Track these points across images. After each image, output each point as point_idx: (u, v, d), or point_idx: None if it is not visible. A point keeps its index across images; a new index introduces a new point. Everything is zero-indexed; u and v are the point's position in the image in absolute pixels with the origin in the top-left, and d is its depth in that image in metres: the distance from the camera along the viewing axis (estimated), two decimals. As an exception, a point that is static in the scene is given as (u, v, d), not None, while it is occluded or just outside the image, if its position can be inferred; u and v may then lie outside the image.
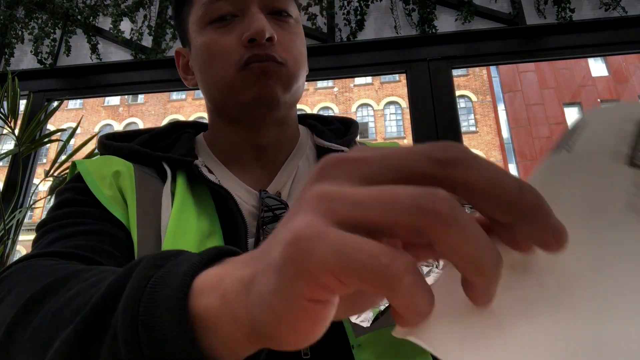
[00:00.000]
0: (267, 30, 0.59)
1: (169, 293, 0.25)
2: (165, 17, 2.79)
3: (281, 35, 0.62)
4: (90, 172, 0.58)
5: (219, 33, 0.62)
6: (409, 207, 0.19)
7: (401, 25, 2.58)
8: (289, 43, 0.63)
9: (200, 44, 0.63)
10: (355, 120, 0.78)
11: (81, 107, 23.75)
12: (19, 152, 2.37)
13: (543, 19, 2.49)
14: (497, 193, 0.20)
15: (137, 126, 23.60)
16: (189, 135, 0.71)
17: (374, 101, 22.47)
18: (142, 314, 0.24)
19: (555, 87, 21.97)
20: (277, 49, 0.61)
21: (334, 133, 0.73)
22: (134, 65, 2.73)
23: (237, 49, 0.60)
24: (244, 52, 0.59)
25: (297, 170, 0.67)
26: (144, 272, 0.27)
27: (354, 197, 0.20)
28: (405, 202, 0.19)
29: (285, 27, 0.64)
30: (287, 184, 0.65)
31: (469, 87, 21.94)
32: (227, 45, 0.60)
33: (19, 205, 2.42)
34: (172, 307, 0.24)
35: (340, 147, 0.68)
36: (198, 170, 0.60)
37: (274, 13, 0.63)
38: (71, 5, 2.87)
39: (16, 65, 2.86)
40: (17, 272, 0.41)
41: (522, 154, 21.20)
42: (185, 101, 23.93)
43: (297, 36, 0.65)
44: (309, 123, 0.76)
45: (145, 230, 0.55)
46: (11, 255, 2.27)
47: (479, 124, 21.31)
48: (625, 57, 20.11)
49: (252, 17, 0.60)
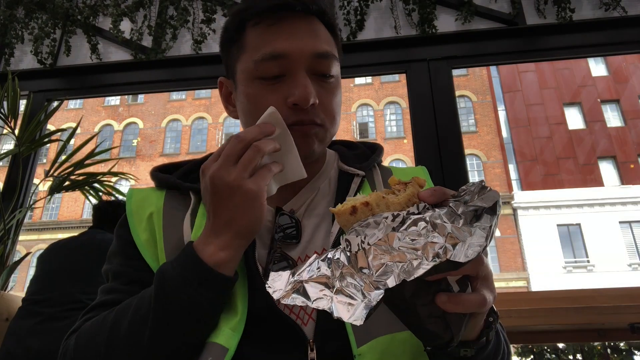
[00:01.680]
0: (311, 98, 0.64)
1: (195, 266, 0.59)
2: (165, 17, 2.79)
3: (322, 96, 0.68)
4: (132, 214, 0.73)
5: (266, 90, 0.67)
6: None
7: (401, 25, 2.58)
8: (329, 103, 0.69)
9: (246, 94, 0.69)
10: (379, 146, 0.84)
11: (81, 107, 23.73)
12: (19, 152, 2.37)
13: (543, 19, 2.48)
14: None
15: (137, 126, 23.59)
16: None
17: (374, 101, 22.45)
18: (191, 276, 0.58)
19: (555, 87, 21.96)
20: (317, 111, 0.67)
21: (358, 157, 0.80)
22: (134, 65, 2.73)
23: (281, 109, 0.64)
24: (287, 112, 0.65)
25: (318, 191, 0.74)
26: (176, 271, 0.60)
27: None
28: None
29: (327, 88, 0.69)
30: (306, 203, 0.73)
31: (469, 87, 21.92)
32: (272, 103, 0.65)
33: (19, 205, 2.42)
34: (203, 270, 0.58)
35: (357, 171, 0.75)
36: None
37: (318, 74, 0.68)
38: (71, 5, 2.87)
39: (16, 65, 2.86)
40: (83, 331, 0.63)
41: (522, 154, 21.19)
42: (185, 101, 23.91)
43: (337, 94, 0.71)
44: (337, 148, 0.83)
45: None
46: (11, 255, 2.27)
47: (479, 124, 21.28)
48: (625, 57, 20.11)
49: (298, 81, 0.65)
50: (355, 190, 0.73)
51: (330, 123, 0.69)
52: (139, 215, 0.72)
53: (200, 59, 2.68)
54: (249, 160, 0.58)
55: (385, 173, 0.80)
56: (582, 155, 20.66)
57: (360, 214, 0.43)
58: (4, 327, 1.89)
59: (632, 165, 20.29)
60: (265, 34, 0.67)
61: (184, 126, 23.52)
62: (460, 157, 2.25)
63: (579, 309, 1.79)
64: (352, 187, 0.73)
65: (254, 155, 0.58)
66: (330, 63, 0.69)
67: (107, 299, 0.67)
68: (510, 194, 19.64)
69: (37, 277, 1.99)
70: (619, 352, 2.44)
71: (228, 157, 0.58)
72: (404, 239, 0.41)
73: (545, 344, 2.53)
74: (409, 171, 0.82)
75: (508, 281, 18.14)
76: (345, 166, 0.77)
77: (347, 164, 0.77)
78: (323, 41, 0.69)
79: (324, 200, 0.74)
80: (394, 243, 0.41)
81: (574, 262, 18.36)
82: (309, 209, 0.72)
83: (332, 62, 0.69)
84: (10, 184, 2.44)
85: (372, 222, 0.43)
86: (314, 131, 0.67)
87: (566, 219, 18.93)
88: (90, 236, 2.08)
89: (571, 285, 16.70)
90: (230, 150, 0.58)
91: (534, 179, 20.66)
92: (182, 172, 0.78)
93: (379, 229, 0.42)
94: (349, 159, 0.79)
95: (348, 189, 0.73)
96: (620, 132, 20.93)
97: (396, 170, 0.82)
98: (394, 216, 0.43)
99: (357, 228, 0.43)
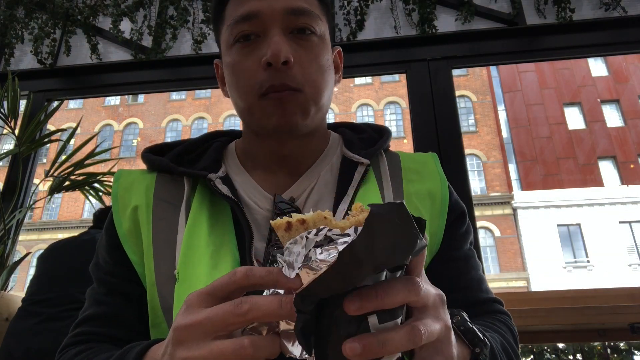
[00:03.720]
0: (282, 54, 0.60)
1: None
2: (165, 17, 2.79)
3: (300, 56, 0.63)
4: (118, 198, 0.69)
5: (243, 54, 0.64)
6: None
7: (401, 25, 2.58)
8: (308, 64, 0.63)
9: (227, 63, 0.67)
10: (387, 130, 0.78)
11: (81, 107, 23.73)
12: (19, 152, 2.37)
13: (543, 19, 2.48)
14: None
15: (137, 126, 23.60)
16: (220, 143, 0.76)
17: (374, 101, 22.45)
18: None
19: (555, 87, 21.96)
20: (294, 72, 0.62)
21: (364, 142, 0.75)
22: (134, 65, 2.73)
23: (257, 72, 0.62)
24: (263, 77, 0.61)
25: (319, 178, 0.69)
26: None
27: (201, 357, 0.38)
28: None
29: (306, 47, 0.64)
30: (306, 190, 0.68)
31: (469, 87, 21.91)
32: (248, 67, 0.63)
33: (19, 205, 2.42)
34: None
35: (361, 159, 0.69)
36: (212, 183, 0.65)
37: (297, 32, 0.64)
38: (71, 5, 2.87)
39: (16, 65, 2.86)
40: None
41: (522, 154, 21.19)
42: (185, 101, 23.90)
43: (319, 54, 0.65)
44: (341, 131, 0.78)
45: (161, 260, 0.63)
46: (11, 255, 2.26)
47: (479, 124, 21.28)
48: (625, 57, 20.11)
49: (271, 39, 0.62)
50: (358, 180, 0.67)
51: (311, 87, 0.63)
52: (123, 200, 0.68)
53: (200, 59, 2.68)
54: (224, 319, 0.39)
55: (393, 160, 0.74)
56: (582, 155, 20.66)
57: (294, 232, 0.39)
58: (4, 327, 1.89)
59: (632, 165, 20.29)
60: (242, 0, 0.65)
61: (184, 126, 23.51)
62: (460, 157, 2.25)
63: (579, 309, 1.79)
64: (355, 176, 0.67)
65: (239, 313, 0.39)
66: (308, 19, 0.64)
67: (96, 312, 0.66)
68: (510, 194, 19.64)
69: (37, 277, 1.99)
70: (619, 352, 2.44)
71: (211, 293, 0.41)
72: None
73: (545, 344, 2.53)
74: (418, 157, 0.76)
75: (508, 281, 18.14)
76: (349, 152, 0.71)
77: (352, 149, 0.72)
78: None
79: (325, 189, 0.68)
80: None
81: (574, 262, 18.36)
82: (310, 199, 0.67)
83: (311, 18, 0.64)
84: (10, 184, 2.44)
85: (298, 238, 0.38)
86: (291, 98, 0.61)
87: (566, 219, 18.93)
88: (90, 236, 2.08)
89: (571, 285, 16.70)
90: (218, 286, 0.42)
91: (534, 179, 20.66)
92: (175, 154, 0.72)
93: (301, 246, 0.38)
94: (354, 144, 0.73)
95: (351, 179, 0.67)
96: (620, 132, 20.93)
97: (404, 156, 0.76)
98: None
99: (288, 246, 0.39)
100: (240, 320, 0.37)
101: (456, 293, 0.66)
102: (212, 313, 0.38)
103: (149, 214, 0.66)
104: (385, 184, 0.69)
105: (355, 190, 0.66)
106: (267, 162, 0.70)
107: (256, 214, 0.65)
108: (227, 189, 0.65)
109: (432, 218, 0.69)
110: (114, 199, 0.69)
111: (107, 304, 0.66)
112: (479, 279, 0.72)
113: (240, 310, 0.37)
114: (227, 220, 0.64)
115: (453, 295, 0.48)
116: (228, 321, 0.38)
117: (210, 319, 0.38)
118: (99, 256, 0.70)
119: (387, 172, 0.71)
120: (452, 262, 0.70)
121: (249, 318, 0.37)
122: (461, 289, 0.69)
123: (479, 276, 0.72)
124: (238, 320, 0.37)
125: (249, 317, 0.37)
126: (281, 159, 0.69)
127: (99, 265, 0.69)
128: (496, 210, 19.40)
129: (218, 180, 0.66)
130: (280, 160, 0.69)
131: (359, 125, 0.80)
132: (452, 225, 0.71)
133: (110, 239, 0.68)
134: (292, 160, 0.70)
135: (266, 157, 0.70)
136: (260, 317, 0.37)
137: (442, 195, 0.71)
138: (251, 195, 0.67)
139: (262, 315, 0.37)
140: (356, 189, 0.66)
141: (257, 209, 0.66)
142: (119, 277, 0.66)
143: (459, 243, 0.72)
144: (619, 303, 1.81)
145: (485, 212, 19.15)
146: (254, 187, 0.68)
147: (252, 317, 0.37)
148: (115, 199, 0.69)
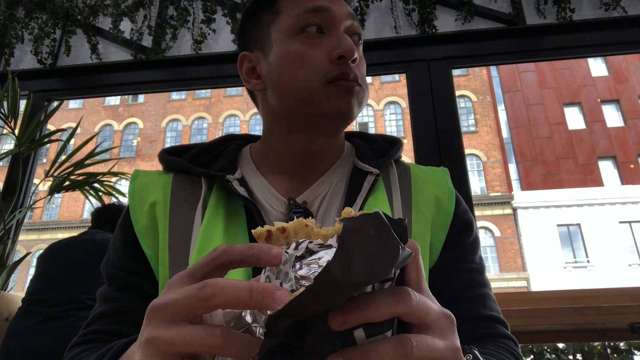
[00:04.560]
0: (355, 51, 0.66)
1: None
2: (165, 17, 2.79)
3: (358, 57, 0.68)
4: (134, 195, 0.70)
5: (307, 45, 0.67)
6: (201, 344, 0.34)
7: (401, 25, 2.58)
8: (362, 67, 0.70)
9: (286, 51, 0.68)
10: (399, 141, 0.80)
11: (81, 107, 23.73)
12: (19, 152, 2.37)
13: (543, 19, 2.48)
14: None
15: (137, 126, 23.61)
16: (235, 146, 0.78)
17: (374, 101, 22.44)
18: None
19: (555, 87, 21.96)
20: (358, 70, 0.67)
21: (375, 152, 0.77)
22: (134, 65, 2.73)
23: (324, 64, 0.65)
24: (331, 67, 0.65)
25: (331, 186, 0.71)
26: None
27: (167, 339, 0.35)
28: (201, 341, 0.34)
29: (359, 51, 0.70)
30: (319, 197, 0.70)
31: (469, 87, 21.91)
32: (315, 57, 0.66)
33: (19, 205, 2.42)
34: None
35: (370, 168, 0.71)
36: (229, 184, 0.67)
37: (352, 35, 0.70)
38: (71, 5, 2.87)
39: (16, 65, 2.86)
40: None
41: (522, 154, 21.19)
42: (185, 101, 23.90)
43: (364, 61, 0.73)
44: (354, 141, 0.80)
45: (176, 256, 0.64)
46: (11, 255, 2.26)
47: (479, 124, 21.27)
48: (625, 57, 20.11)
49: (341, 36, 0.67)
50: (367, 189, 0.68)
51: (365, 85, 0.69)
52: (140, 198, 0.70)
53: (200, 59, 2.68)
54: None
55: (404, 170, 0.75)
56: (582, 155, 20.66)
57: (274, 241, 0.38)
58: (4, 327, 1.89)
59: (632, 165, 20.29)
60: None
61: (184, 126, 23.52)
62: (460, 157, 2.25)
63: (579, 309, 1.80)
64: (364, 185, 0.69)
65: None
66: (359, 29, 0.72)
67: (106, 309, 0.66)
68: (510, 194, 19.64)
69: (37, 277, 1.99)
70: (619, 352, 2.44)
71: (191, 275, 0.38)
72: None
73: (545, 344, 2.53)
74: (429, 169, 0.78)
75: (508, 281, 18.14)
76: (359, 162, 0.73)
77: (363, 159, 0.73)
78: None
79: (336, 198, 0.70)
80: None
81: (574, 262, 18.36)
82: (323, 206, 0.69)
83: (360, 28, 0.72)
84: (10, 184, 2.44)
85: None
86: (357, 89, 0.67)
87: (566, 219, 18.93)
88: (90, 236, 2.08)
89: (571, 285, 16.70)
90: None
91: (534, 179, 20.66)
92: (191, 155, 0.75)
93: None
94: (365, 154, 0.75)
95: (360, 188, 0.69)
96: (620, 132, 20.93)
97: (415, 167, 0.77)
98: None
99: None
100: (202, 305, 0.34)
101: (457, 304, 0.62)
102: (179, 295, 0.35)
103: (166, 210, 0.68)
104: (394, 193, 0.71)
105: (365, 200, 0.67)
106: (285, 164, 0.72)
107: (271, 216, 0.67)
108: (244, 190, 0.67)
109: (434, 227, 0.70)
110: (131, 196, 0.71)
111: (117, 301, 0.66)
112: (485, 295, 0.69)
113: (202, 295, 0.33)
114: (241, 222, 0.66)
115: (452, 306, 0.43)
116: (193, 305, 0.34)
117: (177, 301, 0.35)
118: (111, 253, 0.71)
119: (397, 182, 0.72)
120: (455, 274, 0.69)
121: (211, 304, 0.33)
122: (463, 301, 0.67)
123: (485, 292, 0.70)
124: (201, 305, 0.34)
125: (211, 303, 0.33)
126: (304, 158, 0.71)
127: (111, 262, 0.70)
128: (496, 210, 19.41)
129: (235, 182, 0.68)
130: (303, 160, 0.71)
131: (372, 135, 0.83)
132: (457, 236, 0.71)
133: (125, 235, 0.69)
134: (314, 160, 0.72)
135: (289, 157, 0.72)
136: (225, 304, 0.34)
137: (448, 207, 0.72)
138: (266, 198, 0.69)
139: (227, 302, 0.33)
140: (365, 198, 0.67)
141: (271, 211, 0.68)
142: (132, 273, 0.67)
143: (464, 255, 0.71)
144: (619, 303, 1.81)
145: (485, 212, 19.15)
146: (268, 190, 0.70)
147: (214, 303, 0.33)
148: (132, 196, 0.71)
